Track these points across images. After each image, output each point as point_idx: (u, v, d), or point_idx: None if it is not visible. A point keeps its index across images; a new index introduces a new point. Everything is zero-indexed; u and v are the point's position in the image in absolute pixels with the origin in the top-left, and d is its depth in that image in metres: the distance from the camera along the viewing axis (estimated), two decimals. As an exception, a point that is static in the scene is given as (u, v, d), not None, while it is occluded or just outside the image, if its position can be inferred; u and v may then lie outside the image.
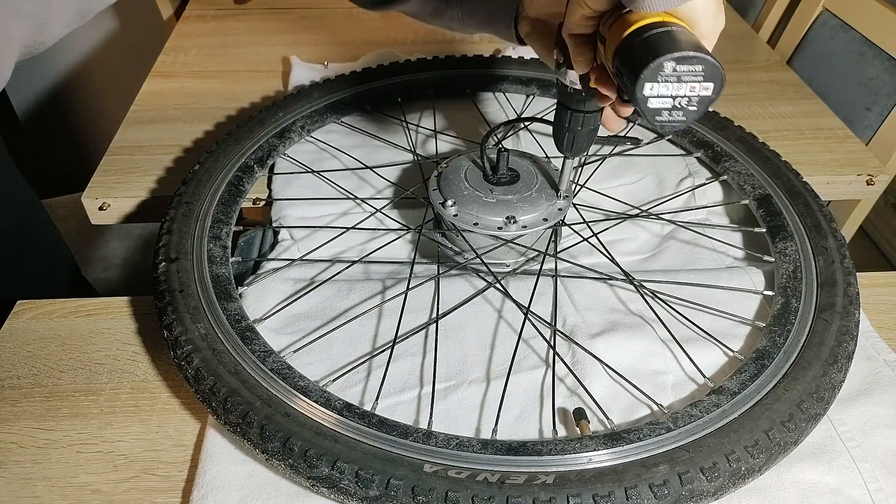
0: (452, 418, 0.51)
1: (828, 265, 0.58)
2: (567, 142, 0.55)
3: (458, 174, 0.62)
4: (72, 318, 0.60)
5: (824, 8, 1.02)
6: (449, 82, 0.84)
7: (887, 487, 0.47)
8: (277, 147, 0.73)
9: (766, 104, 0.89)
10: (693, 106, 0.40)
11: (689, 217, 0.71)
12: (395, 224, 0.68)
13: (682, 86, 0.39)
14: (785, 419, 0.47)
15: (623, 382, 0.53)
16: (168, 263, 0.57)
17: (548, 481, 0.43)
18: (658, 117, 0.41)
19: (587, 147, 0.56)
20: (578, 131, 0.54)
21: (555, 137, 0.56)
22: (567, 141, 0.55)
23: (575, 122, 0.53)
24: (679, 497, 0.43)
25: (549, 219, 0.59)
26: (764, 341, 0.53)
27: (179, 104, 0.88)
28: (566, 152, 0.56)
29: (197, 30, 1.07)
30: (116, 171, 0.76)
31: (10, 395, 0.53)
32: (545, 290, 0.60)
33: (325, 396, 0.48)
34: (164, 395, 0.54)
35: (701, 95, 0.40)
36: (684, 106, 0.40)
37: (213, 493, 0.46)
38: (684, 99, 0.40)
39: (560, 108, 0.54)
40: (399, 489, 0.42)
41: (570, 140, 0.55)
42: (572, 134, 0.54)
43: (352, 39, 1.04)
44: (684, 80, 0.39)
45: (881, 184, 0.78)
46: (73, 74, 1.67)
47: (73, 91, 1.70)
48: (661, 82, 0.39)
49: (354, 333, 0.57)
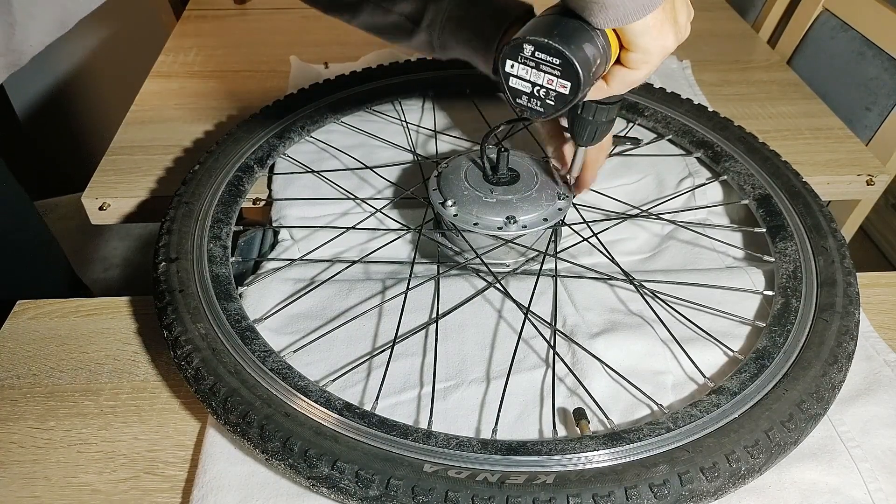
0: (452, 418, 0.51)
1: (828, 265, 0.58)
2: (585, 132, 0.54)
3: (458, 174, 0.62)
4: (72, 318, 0.60)
5: (824, 8, 1.02)
6: (449, 82, 0.84)
7: (887, 487, 0.47)
8: (277, 147, 0.73)
9: (766, 104, 0.89)
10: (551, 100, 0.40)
11: (689, 217, 0.71)
12: (395, 224, 0.68)
13: (541, 75, 0.39)
14: (785, 419, 0.47)
15: (623, 382, 0.53)
16: (168, 263, 0.57)
17: (548, 481, 0.43)
18: (518, 99, 0.41)
19: (603, 137, 0.55)
20: (596, 121, 0.52)
21: (571, 127, 0.55)
22: (585, 132, 0.54)
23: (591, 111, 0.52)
24: (679, 497, 0.43)
25: (549, 219, 0.59)
26: (764, 341, 0.53)
27: (179, 104, 0.88)
28: (583, 143, 0.55)
29: (197, 30, 1.07)
30: (116, 171, 0.76)
31: (10, 395, 0.53)
32: (545, 290, 0.60)
33: (325, 396, 0.48)
34: (164, 395, 0.54)
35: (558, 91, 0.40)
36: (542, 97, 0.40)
37: (213, 493, 0.46)
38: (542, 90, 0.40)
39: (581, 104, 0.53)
40: (399, 489, 0.42)
41: (588, 131, 0.53)
42: (588, 124, 0.53)
43: (352, 39, 1.04)
44: (542, 70, 0.39)
45: (881, 184, 0.78)
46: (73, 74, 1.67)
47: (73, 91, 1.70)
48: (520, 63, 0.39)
49: (354, 333, 0.57)
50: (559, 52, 0.38)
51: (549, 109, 0.40)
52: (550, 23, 0.41)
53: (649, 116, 0.79)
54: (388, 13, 0.61)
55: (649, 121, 0.79)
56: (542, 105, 0.40)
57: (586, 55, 0.40)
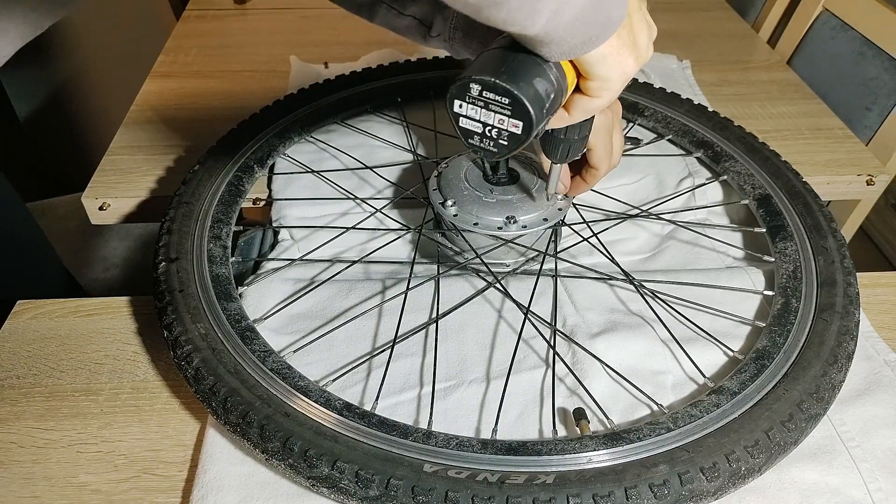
0: (452, 418, 0.51)
1: (828, 265, 0.58)
2: (561, 152, 0.51)
3: (458, 174, 0.62)
4: (72, 318, 0.60)
5: (824, 8, 1.02)
6: (449, 82, 0.84)
7: (887, 487, 0.47)
8: (277, 147, 0.73)
9: (766, 104, 0.89)
10: (503, 140, 0.38)
11: (689, 217, 0.71)
12: (395, 224, 0.68)
13: (491, 115, 0.37)
14: (785, 419, 0.47)
15: (623, 382, 0.53)
16: (168, 263, 0.57)
17: (548, 481, 0.43)
18: (469, 139, 0.38)
19: (577, 154, 0.52)
20: (574, 140, 0.50)
21: (545, 148, 0.52)
22: (561, 151, 0.51)
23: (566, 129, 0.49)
24: (679, 497, 0.43)
25: (549, 219, 0.59)
26: (764, 341, 0.53)
27: (179, 104, 0.88)
28: (557, 161, 0.53)
29: (197, 30, 1.07)
30: (116, 171, 0.76)
31: (10, 395, 0.53)
32: (545, 289, 0.60)
33: (325, 396, 0.48)
34: (164, 395, 0.54)
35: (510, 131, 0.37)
36: (494, 137, 0.38)
37: (213, 493, 0.46)
38: (494, 129, 0.37)
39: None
40: (399, 489, 0.42)
41: (564, 150, 0.51)
42: (567, 144, 0.50)
43: (352, 39, 1.04)
44: (492, 110, 0.36)
45: (881, 184, 0.78)
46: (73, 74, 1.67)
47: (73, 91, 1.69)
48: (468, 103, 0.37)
49: (354, 333, 0.57)
50: (507, 92, 0.36)
51: (502, 150, 0.38)
52: (498, 58, 0.38)
53: (649, 116, 0.79)
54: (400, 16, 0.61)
55: (649, 121, 0.79)
56: (495, 145, 0.38)
57: (537, 91, 0.37)
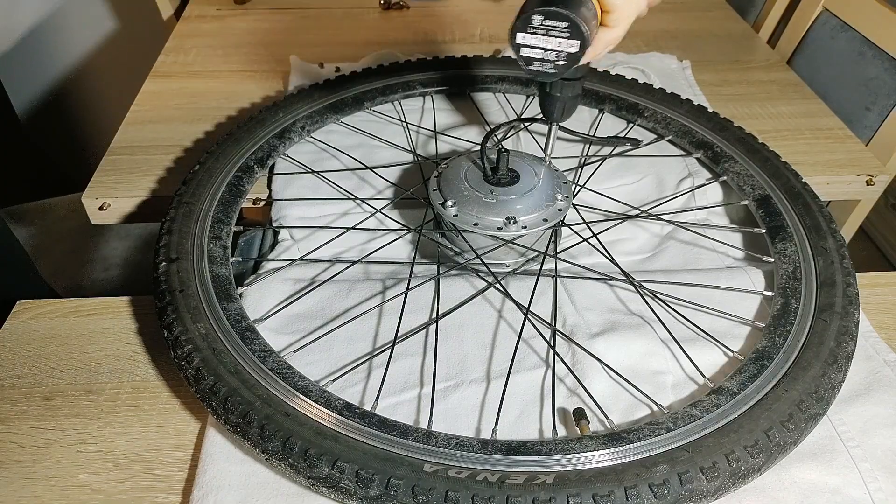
0: (452, 418, 0.51)
1: (827, 265, 0.59)
2: (557, 110, 0.59)
3: (458, 174, 0.62)
4: (72, 318, 0.60)
5: (824, 8, 1.02)
6: (449, 82, 0.84)
7: (887, 487, 0.47)
8: (277, 147, 0.73)
9: (766, 104, 0.89)
10: (562, 60, 0.45)
11: (688, 217, 0.71)
12: (395, 224, 0.68)
13: (551, 40, 0.44)
14: (784, 419, 0.47)
15: (623, 382, 0.53)
16: (168, 263, 0.57)
17: (548, 481, 0.43)
18: (529, 66, 0.45)
19: (571, 113, 0.60)
20: (563, 97, 0.58)
21: (541, 104, 0.60)
22: (553, 107, 0.59)
23: (558, 87, 0.57)
24: (679, 497, 0.43)
25: (548, 219, 0.59)
26: (763, 341, 0.53)
27: (179, 104, 0.88)
28: (552, 119, 0.60)
29: (197, 30, 1.07)
30: (116, 171, 0.76)
31: (10, 395, 0.53)
32: (545, 290, 0.60)
33: (325, 396, 0.48)
34: (164, 395, 0.54)
35: (567, 52, 0.45)
36: (552, 59, 0.45)
37: (213, 493, 0.46)
38: (552, 53, 0.45)
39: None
40: (399, 489, 0.42)
41: (555, 106, 0.59)
42: (555, 99, 0.58)
43: (352, 39, 1.04)
44: (552, 35, 0.44)
45: (881, 184, 0.78)
46: (73, 74, 1.67)
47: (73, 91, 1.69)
48: (530, 33, 0.44)
49: (354, 333, 0.57)
50: (566, 17, 0.43)
51: (560, 69, 0.45)
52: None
53: (649, 117, 0.79)
54: None
55: (649, 121, 0.79)
56: (553, 66, 0.45)
57: (586, 16, 0.44)
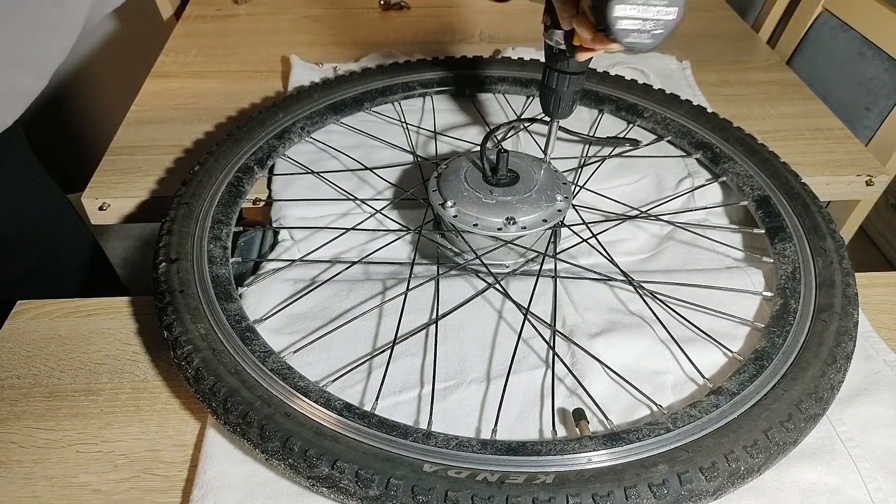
0: (452, 418, 0.51)
1: (826, 266, 0.59)
2: (553, 104, 0.60)
3: (458, 175, 0.62)
4: (72, 318, 0.60)
5: (824, 8, 1.02)
6: (449, 83, 0.84)
7: (887, 487, 0.47)
8: (277, 148, 0.73)
9: (766, 105, 0.90)
10: (659, 29, 0.45)
11: (688, 218, 0.71)
12: (395, 225, 0.68)
13: (649, 9, 0.44)
14: (784, 419, 0.47)
15: (622, 383, 0.53)
16: (168, 264, 0.57)
17: (547, 481, 0.43)
18: (626, 38, 0.45)
19: (571, 109, 0.61)
20: (564, 92, 0.59)
21: (542, 100, 0.61)
22: (553, 103, 0.60)
23: (561, 82, 0.58)
24: (678, 497, 0.43)
25: (548, 220, 0.59)
26: (763, 342, 0.53)
27: (179, 104, 0.88)
28: (553, 114, 0.61)
29: (197, 30, 1.07)
30: (116, 171, 0.76)
31: (10, 395, 0.53)
32: (545, 290, 0.60)
33: (324, 396, 0.48)
34: (164, 395, 0.54)
35: (665, 19, 0.45)
36: (650, 29, 0.45)
37: (213, 493, 0.46)
38: (650, 22, 0.45)
39: (547, 70, 0.59)
40: (399, 489, 0.42)
41: (556, 102, 0.59)
42: (558, 95, 0.59)
43: (352, 39, 1.04)
44: (651, 4, 0.44)
45: (881, 184, 0.78)
46: (73, 74, 1.67)
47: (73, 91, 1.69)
48: (629, 4, 0.44)
49: (354, 334, 0.57)
50: None
51: (657, 38, 0.46)
52: None
53: (649, 117, 0.79)
54: None
55: (649, 122, 0.79)
56: (650, 36, 0.45)
57: None
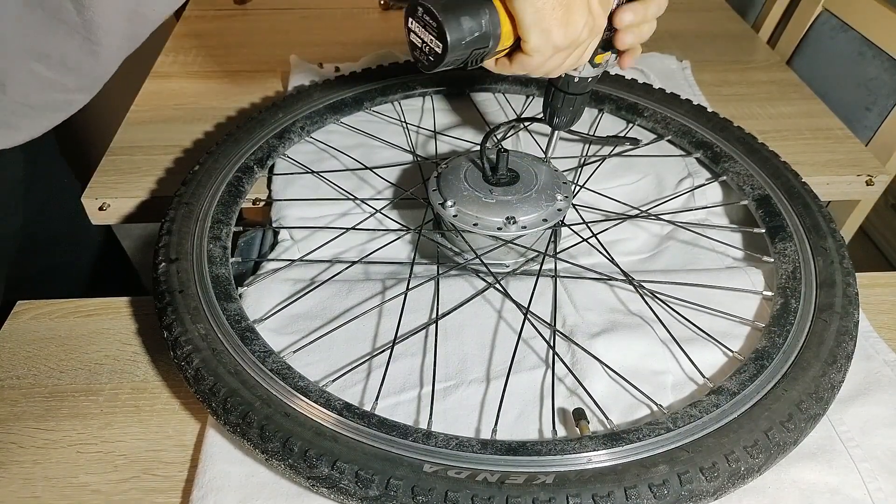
0: (452, 418, 0.51)
1: (827, 266, 0.59)
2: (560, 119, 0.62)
3: (458, 175, 0.62)
4: (72, 318, 0.60)
5: (824, 8, 1.02)
6: (448, 82, 0.84)
7: (887, 487, 0.47)
8: (277, 148, 0.73)
9: (766, 104, 0.90)
10: (431, 57, 0.46)
11: (688, 217, 0.71)
12: (395, 224, 0.68)
13: (427, 34, 0.45)
14: (784, 419, 0.47)
15: (623, 383, 0.53)
16: (168, 264, 0.57)
17: (547, 481, 0.43)
18: (413, 51, 0.47)
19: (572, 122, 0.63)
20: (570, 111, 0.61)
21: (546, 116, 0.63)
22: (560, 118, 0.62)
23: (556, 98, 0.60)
24: (678, 497, 0.43)
25: (548, 219, 0.59)
26: (763, 342, 0.53)
27: (179, 104, 0.88)
28: (558, 127, 0.63)
29: (197, 30, 1.07)
30: (116, 171, 0.76)
31: (10, 395, 0.53)
32: (545, 290, 0.60)
33: (324, 396, 0.48)
34: (164, 395, 0.54)
35: (434, 50, 0.45)
36: (426, 53, 0.46)
37: (213, 493, 0.46)
38: (427, 46, 0.46)
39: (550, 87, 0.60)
40: (399, 489, 0.42)
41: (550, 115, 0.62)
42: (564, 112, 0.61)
43: (352, 39, 1.04)
44: (427, 30, 0.45)
45: (881, 184, 0.78)
46: (73, 74, 1.67)
47: (73, 91, 1.69)
48: (416, 21, 0.45)
49: (354, 333, 0.57)
50: (435, 17, 0.44)
51: (430, 65, 0.46)
52: None
53: (649, 117, 0.79)
54: None
55: (649, 121, 0.79)
56: (425, 59, 0.46)
57: (461, 25, 0.44)
